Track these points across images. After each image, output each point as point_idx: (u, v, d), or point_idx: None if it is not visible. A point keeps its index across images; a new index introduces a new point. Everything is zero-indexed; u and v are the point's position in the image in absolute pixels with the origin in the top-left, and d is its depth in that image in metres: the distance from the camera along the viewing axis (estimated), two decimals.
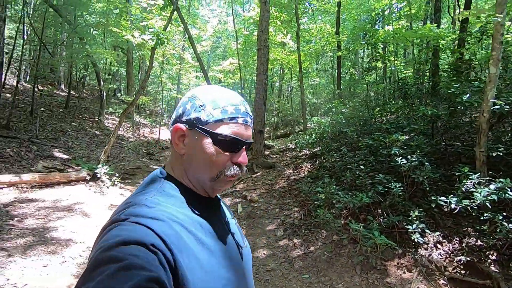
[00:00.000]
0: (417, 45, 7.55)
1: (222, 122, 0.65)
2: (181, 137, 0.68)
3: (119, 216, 0.56)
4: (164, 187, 0.66)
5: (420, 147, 3.49)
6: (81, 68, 14.65)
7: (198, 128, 0.65)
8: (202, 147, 0.65)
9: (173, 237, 0.55)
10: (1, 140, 6.18)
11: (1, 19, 7.10)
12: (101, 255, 0.47)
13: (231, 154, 0.67)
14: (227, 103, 0.66)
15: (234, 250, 0.71)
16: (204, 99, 0.67)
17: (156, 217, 0.56)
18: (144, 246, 0.50)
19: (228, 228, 0.74)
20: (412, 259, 2.92)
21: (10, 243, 3.04)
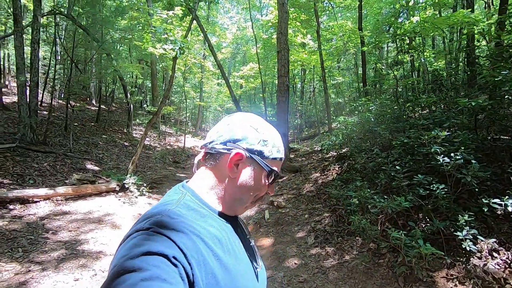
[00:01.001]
0: (451, 33, 7.03)
1: (275, 160, 0.73)
2: (237, 161, 0.70)
3: (143, 225, 0.56)
4: (186, 200, 0.67)
5: (464, 143, 3.14)
6: (110, 82, 15.37)
7: (259, 160, 0.71)
8: (257, 177, 0.71)
9: (193, 250, 0.55)
10: (38, 155, 6.53)
11: (36, 41, 7.58)
12: (125, 263, 0.48)
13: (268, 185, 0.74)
14: (280, 144, 0.76)
15: (250, 270, 0.71)
16: (267, 135, 0.73)
17: (178, 229, 0.57)
18: (166, 258, 0.50)
19: (245, 246, 0.75)
20: (464, 270, 2.59)
21: (45, 256, 3.11)
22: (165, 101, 7.83)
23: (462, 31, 7.67)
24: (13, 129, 7.44)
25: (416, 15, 9.18)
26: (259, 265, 0.77)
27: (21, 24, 7.17)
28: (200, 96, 19.72)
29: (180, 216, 0.61)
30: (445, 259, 2.67)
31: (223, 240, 0.66)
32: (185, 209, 0.64)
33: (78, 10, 10.30)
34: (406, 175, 3.51)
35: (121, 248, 0.54)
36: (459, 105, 3.65)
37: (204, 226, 0.63)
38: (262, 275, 0.77)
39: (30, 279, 2.67)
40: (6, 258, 3.02)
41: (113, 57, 11.08)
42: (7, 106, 9.08)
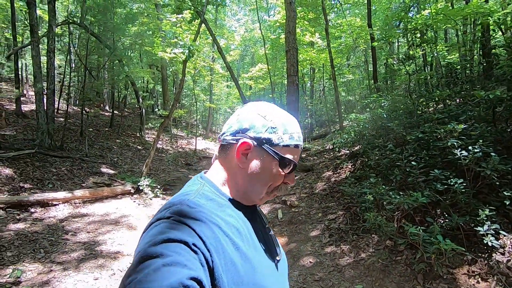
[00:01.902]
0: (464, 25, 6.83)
1: (288, 147, 0.70)
2: (245, 152, 0.70)
3: (164, 214, 0.58)
4: (204, 190, 0.68)
5: (482, 136, 3.05)
6: (122, 88, 15.69)
7: (267, 148, 0.69)
8: (267, 166, 0.69)
9: (212, 238, 0.57)
10: (56, 160, 6.73)
11: (52, 50, 7.83)
12: (148, 250, 0.50)
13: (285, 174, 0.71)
14: (294, 130, 0.72)
15: (270, 259, 0.71)
16: (276, 122, 0.70)
17: (197, 218, 0.58)
18: (186, 244, 0.52)
19: (263, 236, 0.75)
20: (487, 266, 2.51)
21: (65, 257, 3.20)
22: (176, 105, 7.94)
23: (476, 22, 7.45)
24: (31, 135, 7.70)
25: (428, 8, 8.97)
26: (279, 254, 0.76)
27: (37, 34, 7.42)
28: (210, 98, 19.88)
29: (199, 206, 0.62)
30: (466, 255, 2.60)
31: (242, 229, 0.66)
32: (204, 199, 0.65)
33: (90, 19, 10.59)
34: (422, 170, 3.43)
35: (145, 235, 0.56)
36: (475, 98, 3.55)
37: (223, 216, 0.64)
38: (282, 264, 0.77)
39: (52, 279, 2.76)
40: (29, 259, 3.12)
41: (124, 63, 11.33)
42: (26, 113, 9.41)
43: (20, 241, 3.49)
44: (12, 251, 3.23)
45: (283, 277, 0.75)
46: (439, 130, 3.32)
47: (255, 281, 0.61)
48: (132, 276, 0.46)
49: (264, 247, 0.72)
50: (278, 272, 0.73)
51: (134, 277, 0.46)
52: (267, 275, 0.66)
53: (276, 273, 0.72)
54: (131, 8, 13.27)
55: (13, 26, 9.10)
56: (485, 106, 3.76)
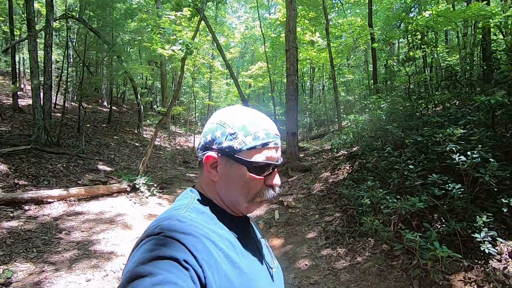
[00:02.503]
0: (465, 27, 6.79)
1: (255, 149, 0.65)
2: (213, 165, 0.68)
3: (154, 230, 0.57)
4: (195, 204, 0.67)
5: (481, 141, 3.02)
6: (121, 84, 15.60)
7: (231, 157, 0.66)
8: (236, 174, 0.66)
9: (204, 253, 0.55)
10: (52, 156, 6.67)
11: (49, 45, 7.74)
12: (136, 269, 0.48)
13: (264, 177, 0.67)
14: (257, 128, 0.67)
15: (264, 271, 0.70)
16: (234, 126, 0.67)
17: (188, 232, 0.56)
18: (177, 261, 0.50)
19: (258, 248, 0.74)
20: (483, 273, 2.49)
21: (58, 256, 3.16)
22: (174, 102, 7.89)
23: (477, 25, 7.41)
24: (28, 131, 7.62)
25: (429, 9, 8.93)
26: (274, 265, 0.75)
27: (34, 28, 7.33)
28: (209, 96, 19.81)
29: (190, 220, 0.61)
30: (462, 262, 2.57)
31: (235, 241, 0.65)
32: (194, 213, 0.64)
33: (89, 14, 10.48)
34: (420, 174, 3.41)
35: (134, 253, 0.55)
36: (475, 102, 3.52)
37: (214, 228, 0.63)
38: (278, 275, 0.76)
39: (43, 280, 2.72)
40: (21, 258, 3.08)
41: (123, 59, 11.23)
42: (23, 108, 9.32)
43: (12, 240, 3.44)
44: (4, 250, 3.19)
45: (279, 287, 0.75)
46: (438, 134, 3.29)
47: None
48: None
49: (258, 258, 0.71)
50: (274, 283, 0.72)
51: None
52: (261, 287, 0.65)
53: (272, 284, 0.71)
54: (130, 3, 13.14)
55: (10, 20, 8.99)
56: (485, 110, 3.73)
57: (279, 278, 0.76)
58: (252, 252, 0.69)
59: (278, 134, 0.70)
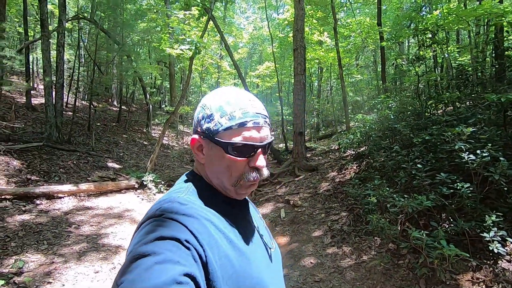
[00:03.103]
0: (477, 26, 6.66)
1: (231, 129, 0.63)
2: (199, 147, 0.69)
3: (155, 212, 0.58)
4: (194, 187, 0.68)
5: (492, 140, 2.97)
6: (130, 84, 15.82)
7: (210, 138, 0.65)
8: (217, 156, 0.66)
9: (205, 234, 0.56)
10: (63, 153, 6.82)
11: (61, 45, 7.93)
12: (139, 249, 0.49)
13: (247, 159, 0.65)
14: (234, 108, 0.64)
15: (263, 251, 0.71)
16: (211, 108, 0.66)
17: (189, 214, 0.57)
18: (178, 241, 0.51)
19: (256, 229, 0.74)
20: (492, 273, 2.44)
21: (67, 249, 3.24)
22: (182, 101, 7.97)
23: (489, 23, 7.26)
24: (40, 128, 7.82)
25: (439, 8, 8.80)
26: (272, 246, 0.76)
27: (47, 29, 7.51)
28: None
29: (190, 202, 0.62)
30: (470, 261, 2.53)
31: (234, 223, 0.66)
32: (194, 196, 0.65)
33: (100, 14, 10.69)
34: (428, 173, 3.37)
35: (136, 235, 0.56)
36: (486, 101, 3.46)
37: (214, 210, 0.64)
38: (276, 255, 0.76)
39: (53, 270, 2.79)
40: (32, 250, 3.17)
41: (133, 58, 11.41)
42: (35, 107, 9.55)
43: (24, 232, 3.54)
44: (16, 241, 3.28)
45: (277, 268, 0.75)
46: (447, 133, 3.24)
47: (251, 273, 0.61)
48: (125, 276, 0.46)
49: (257, 239, 0.71)
50: (272, 264, 0.72)
51: (126, 277, 0.45)
52: (262, 267, 0.66)
53: (270, 264, 0.71)
54: (140, 4, 13.35)
55: (24, 20, 9.23)
56: (496, 109, 3.66)
57: (277, 258, 0.77)
58: (250, 233, 0.70)
59: (260, 113, 0.66)
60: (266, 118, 0.68)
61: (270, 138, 0.68)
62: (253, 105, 0.66)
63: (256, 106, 0.67)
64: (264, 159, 0.67)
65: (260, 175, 0.67)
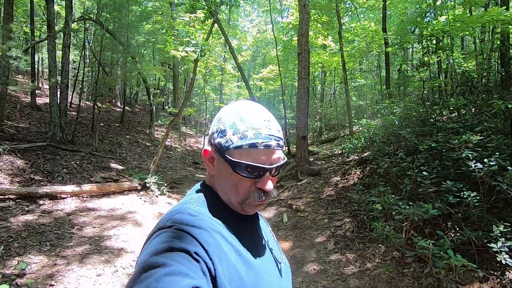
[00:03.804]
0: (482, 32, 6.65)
1: (241, 149, 0.63)
2: (211, 159, 0.69)
3: (165, 223, 0.58)
4: (205, 198, 0.68)
5: (499, 148, 2.94)
6: (134, 85, 15.90)
7: (220, 154, 0.65)
8: (225, 172, 0.65)
9: (214, 246, 0.56)
10: (67, 154, 6.84)
11: (67, 45, 7.98)
12: (149, 260, 0.50)
13: (254, 180, 0.64)
14: (247, 127, 0.63)
15: (273, 265, 0.70)
16: (225, 123, 0.66)
17: (199, 226, 0.57)
18: (188, 253, 0.51)
19: (266, 243, 0.74)
20: (499, 285, 2.41)
21: (70, 251, 3.23)
22: (186, 103, 7.98)
23: (495, 30, 7.24)
24: (44, 128, 7.84)
25: (445, 15, 8.79)
26: (282, 260, 0.75)
27: (54, 29, 7.57)
28: (220, 98, 19.96)
29: (200, 213, 0.62)
30: (477, 272, 2.50)
31: (243, 236, 0.66)
32: (204, 207, 0.65)
33: (106, 16, 10.76)
34: (434, 181, 3.33)
35: (146, 245, 0.56)
36: (493, 108, 3.43)
37: (224, 222, 0.64)
38: (286, 270, 0.75)
39: (56, 273, 2.78)
40: (35, 251, 3.16)
41: (137, 60, 11.46)
42: (40, 106, 9.60)
43: (27, 233, 3.54)
44: (19, 242, 3.28)
45: (287, 283, 0.74)
46: (453, 140, 3.22)
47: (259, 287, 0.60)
48: (135, 286, 0.46)
49: (267, 253, 0.71)
50: (282, 278, 0.72)
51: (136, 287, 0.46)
52: (271, 281, 0.65)
53: (280, 279, 0.71)
54: (146, 6, 13.43)
55: (31, 21, 9.31)
56: (503, 117, 3.63)
57: (287, 273, 0.76)
58: (260, 247, 0.70)
59: (273, 135, 0.64)
60: (280, 140, 0.66)
61: (281, 161, 0.66)
62: (268, 126, 0.65)
63: (271, 127, 0.65)
64: (272, 182, 0.65)
65: (266, 197, 0.66)
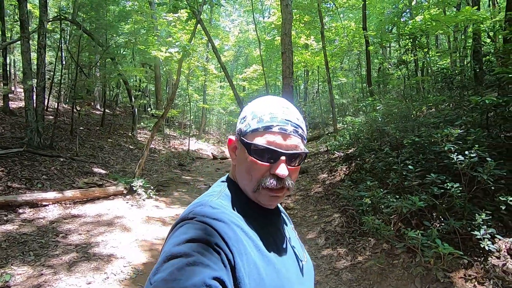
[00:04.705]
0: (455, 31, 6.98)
1: (257, 131, 0.64)
2: (234, 148, 0.71)
3: (187, 215, 0.59)
4: (227, 192, 0.68)
5: (478, 141, 3.10)
6: (114, 87, 15.43)
7: (239, 139, 0.67)
8: (242, 157, 0.66)
9: (234, 239, 0.56)
10: (46, 159, 6.55)
11: (42, 46, 7.63)
12: (173, 249, 0.51)
13: (270, 165, 0.63)
14: (264, 111, 0.65)
15: (294, 263, 0.70)
16: (247, 110, 0.69)
17: (220, 219, 0.58)
18: (209, 245, 0.52)
19: (288, 240, 0.73)
20: (483, 270, 2.54)
21: (56, 260, 3.10)
22: (170, 104, 7.85)
23: (467, 29, 7.62)
24: (20, 133, 7.47)
25: (420, 14, 9.14)
26: (303, 258, 0.74)
27: (27, 30, 7.23)
28: (204, 99, 19.76)
29: (221, 207, 0.62)
30: (462, 259, 2.62)
31: (264, 232, 0.65)
32: (226, 200, 0.66)
33: (83, 16, 10.37)
34: (418, 174, 3.46)
35: (170, 236, 0.57)
36: (470, 103, 3.61)
37: (245, 217, 0.64)
38: (308, 268, 0.75)
39: (43, 283, 2.66)
40: (18, 262, 3.01)
41: (117, 61, 11.14)
42: (14, 111, 9.14)
43: (8, 243, 3.36)
44: (0, 254, 3.10)
45: (309, 281, 0.73)
46: (435, 134, 3.36)
47: (278, 284, 0.59)
48: (158, 274, 0.47)
49: (288, 250, 0.70)
50: (303, 277, 0.71)
51: (160, 275, 0.47)
52: (291, 279, 0.64)
53: (301, 277, 0.70)
54: (124, 5, 13.06)
55: (1, 21, 8.84)
56: (480, 111, 3.82)
57: (309, 272, 0.76)
58: (281, 243, 0.69)
59: (290, 120, 0.64)
60: (298, 127, 0.66)
61: (300, 150, 0.65)
62: (285, 112, 0.65)
63: (289, 114, 0.66)
64: (286, 168, 0.62)
65: (280, 184, 0.62)
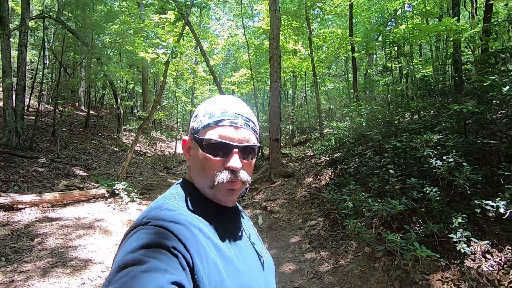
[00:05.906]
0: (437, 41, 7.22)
1: (208, 127, 0.64)
2: (188, 149, 0.70)
3: (141, 220, 0.57)
4: (183, 193, 0.67)
5: (456, 146, 3.19)
6: (99, 87, 15.12)
7: (192, 137, 0.67)
8: (196, 155, 0.66)
9: (192, 241, 0.55)
10: (24, 161, 6.32)
11: (23, 45, 7.41)
12: (125, 257, 0.48)
13: (223, 159, 0.63)
14: (215, 107, 0.66)
15: (255, 259, 0.70)
16: (199, 109, 0.69)
17: (176, 221, 0.56)
18: (166, 248, 0.50)
19: (248, 237, 0.73)
20: (459, 272, 2.60)
21: (30, 265, 2.97)
22: (156, 106, 7.75)
23: (448, 39, 7.91)
24: None
25: (404, 23, 9.43)
26: (264, 254, 0.75)
27: (8, 27, 7.01)
28: (192, 101, 19.64)
29: (178, 208, 0.61)
30: (440, 262, 2.68)
31: (223, 230, 0.65)
32: (182, 202, 0.64)
33: (68, 14, 10.15)
34: (399, 178, 3.53)
35: (123, 244, 0.55)
36: (449, 110, 3.72)
37: (203, 217, 0.63)
38: (268, 264, 0.76)
39: None
40: None
41: (103, 61, 10.93)
42: None
43: None
44: None
45: (270, 276, 0.74)
46: (415, 139, 3.44)
47: (239, 281, 0.59)
48: (110, 286, 0.45)
49: (248, 247, 0.70)
50: (264, 272, 0.71)
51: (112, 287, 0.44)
52: (254, 276, 0.65)
53: (262, 272, 0.70)
54: (111, 5, 12.87)
55: None
56: (457, 118, 3.95)
57: (270, 267, 0.76)
58: (241, 241, 0.69)
59: (241, 114, 0.65)
60: (249, 121, 0.67)
61: (252, 143, 0.65)
62: (236, 106, 0.67)
63: (239, 108, 0.67)
64: (239, 161, 0.63)
65: (235, 177, 0.63)
